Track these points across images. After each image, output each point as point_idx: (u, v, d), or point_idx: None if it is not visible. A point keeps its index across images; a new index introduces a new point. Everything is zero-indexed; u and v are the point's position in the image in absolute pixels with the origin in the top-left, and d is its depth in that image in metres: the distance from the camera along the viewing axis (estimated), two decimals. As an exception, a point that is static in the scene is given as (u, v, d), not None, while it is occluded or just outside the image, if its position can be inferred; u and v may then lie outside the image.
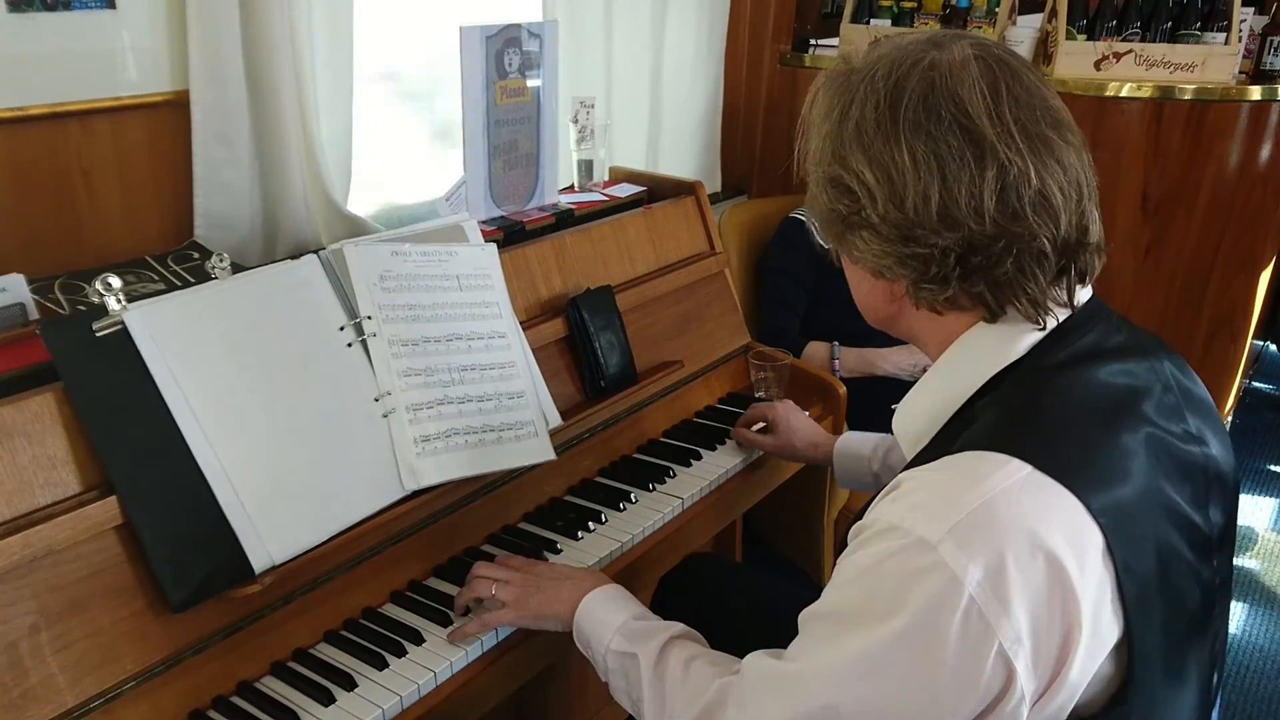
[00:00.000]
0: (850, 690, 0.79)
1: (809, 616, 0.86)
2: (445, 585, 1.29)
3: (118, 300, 1.07)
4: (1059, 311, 0.87)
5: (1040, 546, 0.74)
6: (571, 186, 1.95)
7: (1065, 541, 0.75)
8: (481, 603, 1.20)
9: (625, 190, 1.91)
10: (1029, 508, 0.75)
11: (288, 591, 1.16)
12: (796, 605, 0.87)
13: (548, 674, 1.40)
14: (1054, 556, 0.75)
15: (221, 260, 1.20)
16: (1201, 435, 0.89)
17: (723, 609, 1.38)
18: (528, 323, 1.48)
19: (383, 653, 1.15)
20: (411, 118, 2.10)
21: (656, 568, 1.45)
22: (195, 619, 1.08)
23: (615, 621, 1.07)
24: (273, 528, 1.11)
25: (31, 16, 1.37)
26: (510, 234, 1.64)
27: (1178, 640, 0.85)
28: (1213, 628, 0.91)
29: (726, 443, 1.67)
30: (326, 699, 1.09)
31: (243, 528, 1.09)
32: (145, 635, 1.05)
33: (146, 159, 1.54)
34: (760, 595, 1.40)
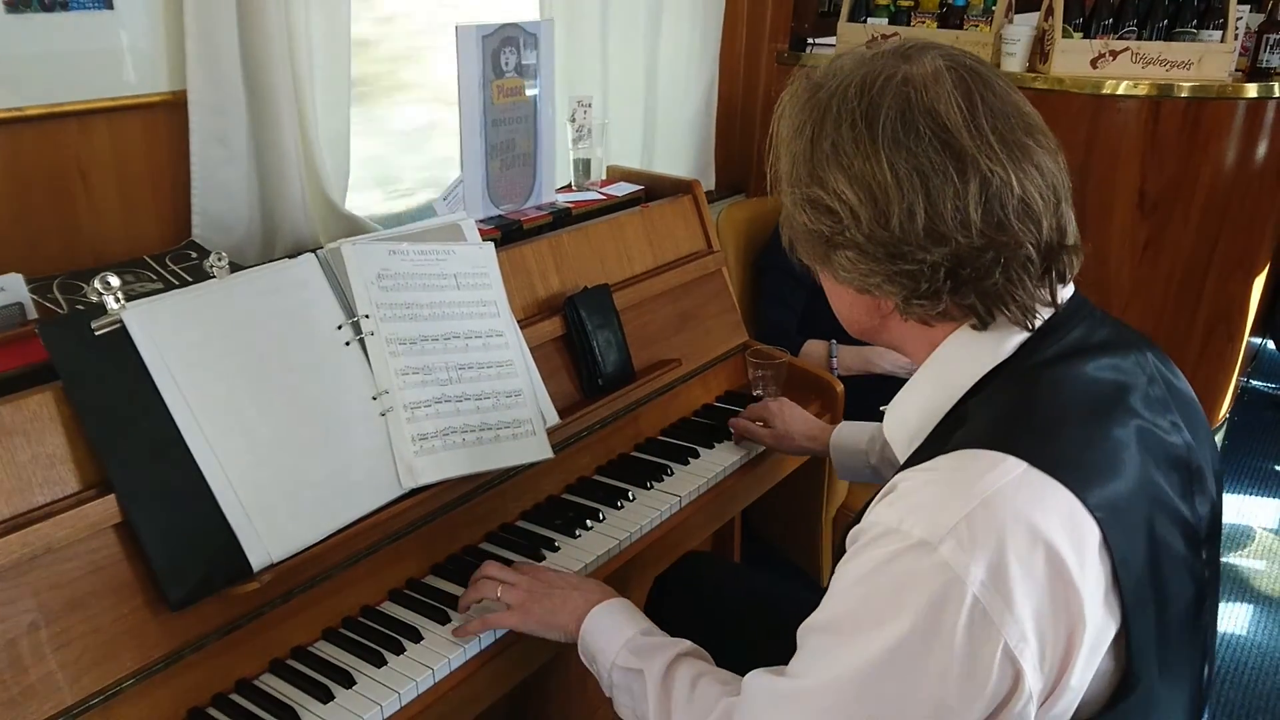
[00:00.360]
0: (855, 703, 0.78)
1: (808, 630, 0.84)
2: (444, 583, 1.29)
3: (116, 299, 1.07)
4: (1043, 310, 0.87)
5: (1040, 544, 0.75)
6: (569, 185, 1.95)
7: (1064, 537, 0.75)
8: (483, 602, 1.20)
9: (622, 189, 1.91)
10: (1027, 505, 0.76)
11: (286, 589, 1.16)
12: (791, 605, 0.87)
13: (546, 671, 1.40)
14: (1054, 552, 0.75)
15: (220, 259, 1.21)
16: (1183, 427, 0.90)
17: (717, 608, 1.38)
18: (525, 321, 1.48)
19: (381, 650, 1.15)
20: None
21: (655, 565, 1.45)
22: (194, 617, 1.08)
23: (622, 636, 1.06)
24: (271, 526, 1.11)
25: (29, 17, 1.37)
26: (508, 233, 1.65)
27: (1172, 634, 0.85)
28: (1204, 621, 0.91)
29: (724, 440, 1.67)
30: (325, 696, 1.09)
31: (241, 526, 1.09)
32: (144, 633, 1.05)
33: (144, 159, 1.54)
34: (756, 594, 1.40)
